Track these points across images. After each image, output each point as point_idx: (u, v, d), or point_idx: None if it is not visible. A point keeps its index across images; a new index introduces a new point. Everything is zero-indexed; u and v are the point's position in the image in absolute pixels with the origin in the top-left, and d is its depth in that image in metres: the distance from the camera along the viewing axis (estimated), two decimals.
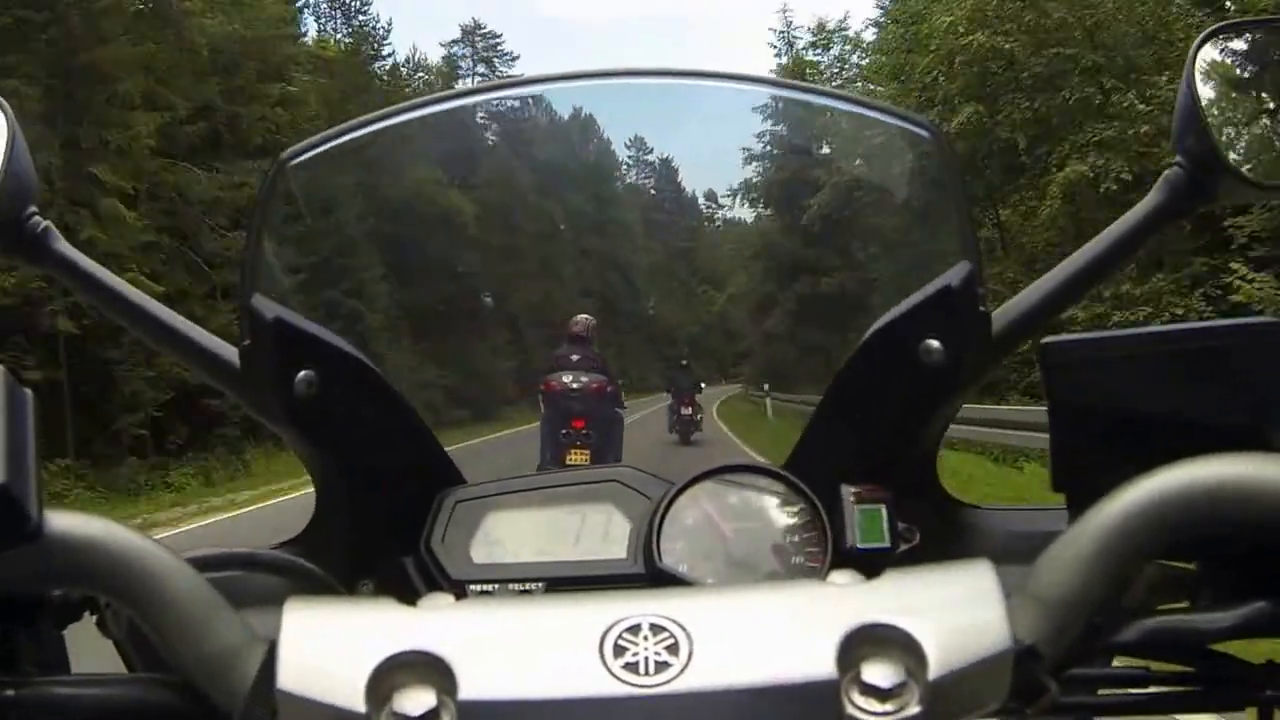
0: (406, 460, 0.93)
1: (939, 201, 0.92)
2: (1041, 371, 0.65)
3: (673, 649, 0.45)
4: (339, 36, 35.07)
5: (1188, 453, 0.53)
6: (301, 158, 0.88)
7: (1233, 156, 0.85)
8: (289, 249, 0.95)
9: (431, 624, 0.47)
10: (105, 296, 0.89)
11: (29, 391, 0.51)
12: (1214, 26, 0.90)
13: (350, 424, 0.88)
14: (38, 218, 0.87)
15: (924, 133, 0.90)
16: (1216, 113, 0.86)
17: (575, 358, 2.80)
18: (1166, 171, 0.88)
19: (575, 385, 2.73)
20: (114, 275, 0.89)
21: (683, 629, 0.46)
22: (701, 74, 0.95)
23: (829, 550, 0.84)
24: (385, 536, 0.91)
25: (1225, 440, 0.54)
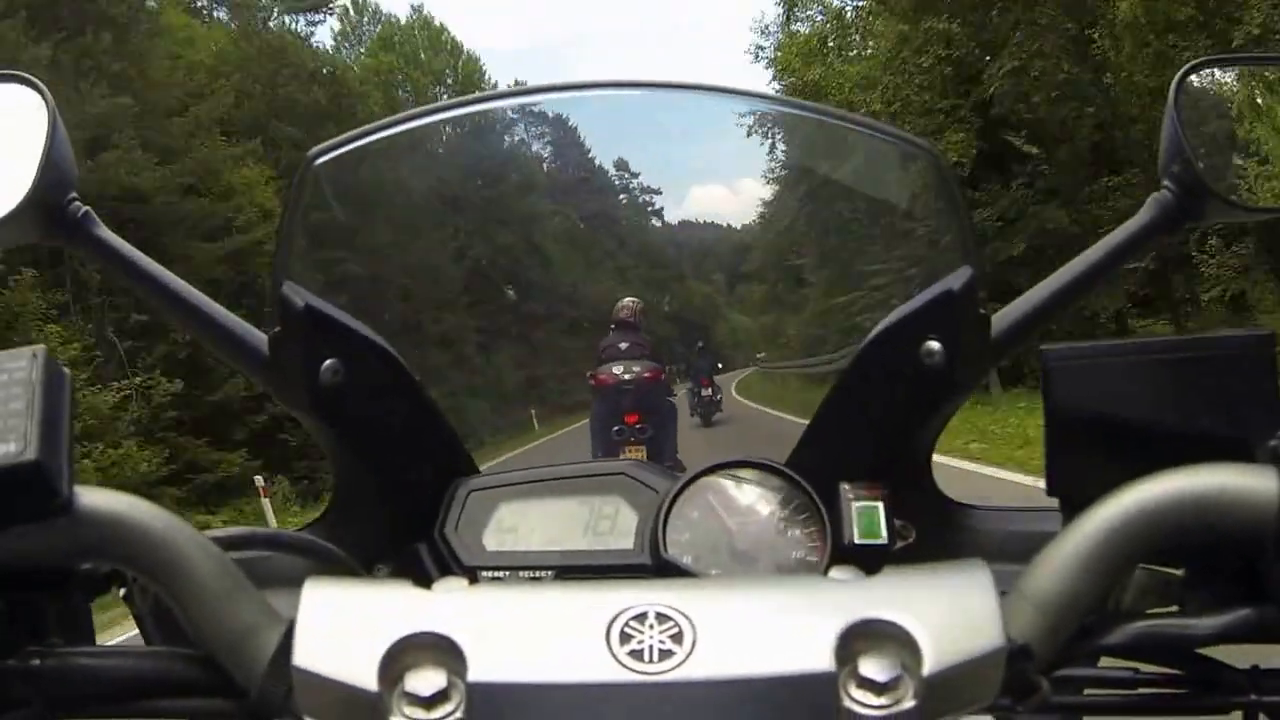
0: (424, 449, 0.95)
1: (939, 211, 0.94)
2: (1041, 378, 0.67)
3: (677, 638, 0.47)
4: None
5: (1178, 461, 0.54)
6: (327, 156, 0.89)
7: (1216, 181, 0.88)
8: (319, 241, 0.97)
9: (444, 607, 0.48)
10: (142, 280, 0.91)
11: (66, 371, 0.52)
12: (1195, 61, 0.93)
13: (372, 412, 0.89)
14: (78, 203, 0.88)
15: (921, 150, 0.92)
16: (1200, 141, 0.89)
17: (624, 345, 2.52)
18: (1155, 194, 0.90)
19: (627, 376, 2.47)
20: (151, 260, 0.91)
21: (687, 619, 0.47)
22: (718, 90, 0.98)
23: (828, 545, 0.86)
24: (402, 522, 0.92)
25: (1213, 450, 0.55)
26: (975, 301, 0.85)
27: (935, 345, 0.85)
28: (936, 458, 0.95)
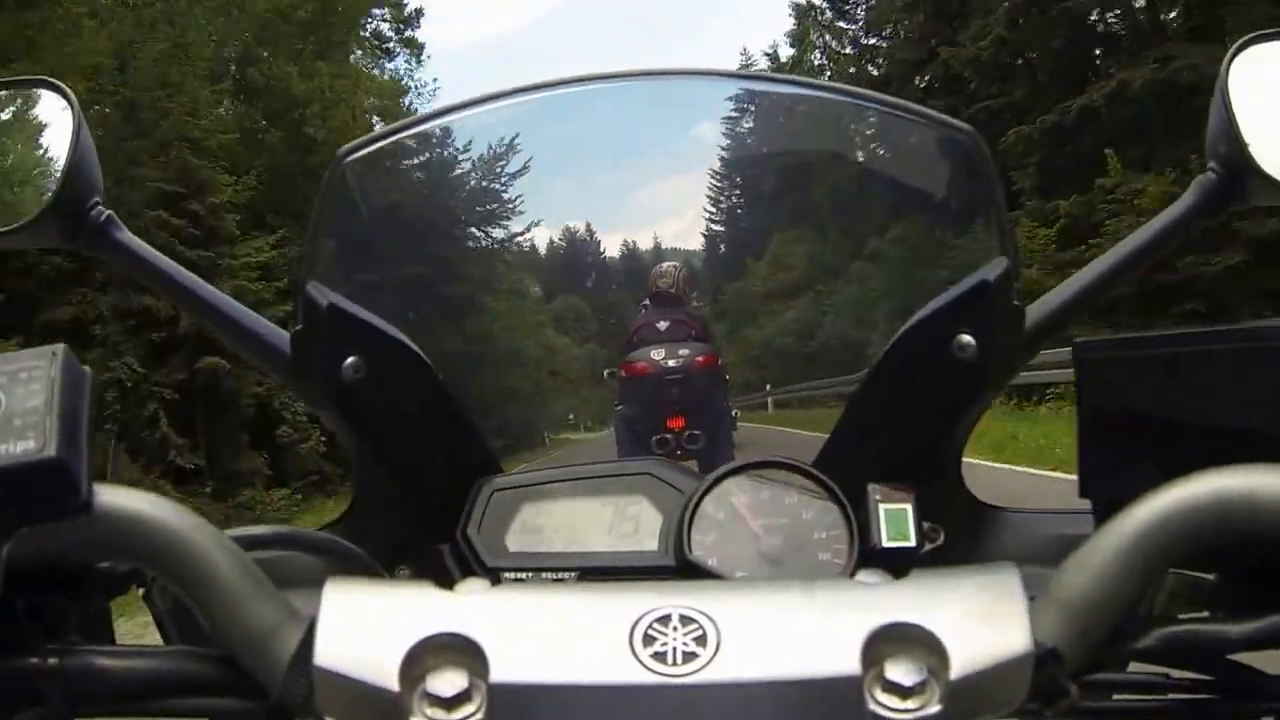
0: (446, 448, 0.95)
1: (977, 200, 0.93)
2: (1074, 371, 0.65)
3: (701, 640, 0.46)
4: None
5: (1217, 460, 0.53)
6: (358, 154, 0.90)
7: (1264, 162, 0.84)
8: (347, 240, 0.98)
9: (466, 608, 0.48)
10: (165, 283, 0.92)
11: (87, 370, 0.52)
12: (1248, 37, 0.89)
13: (393, 410, 0.89)
14: (101, 207, 0.90)
15: (961, 135, 0.90)
16: (1249, 121, 0.85)
17: (664, 325, 1.94)
18: (1199, 177, 0.88)
19: (673, 364, 1.87)
20: (173, 263, 0.92)
21: (711, 621, 0.47)
22: (750, 76, 0.97)
23: (855, 548, 0.85)
24: (423, 522, 0.92)
25: (1256, 449, 0.53)
26: (1011, 294, 0.83)
27: (968, 339, 0.84)
28: None
